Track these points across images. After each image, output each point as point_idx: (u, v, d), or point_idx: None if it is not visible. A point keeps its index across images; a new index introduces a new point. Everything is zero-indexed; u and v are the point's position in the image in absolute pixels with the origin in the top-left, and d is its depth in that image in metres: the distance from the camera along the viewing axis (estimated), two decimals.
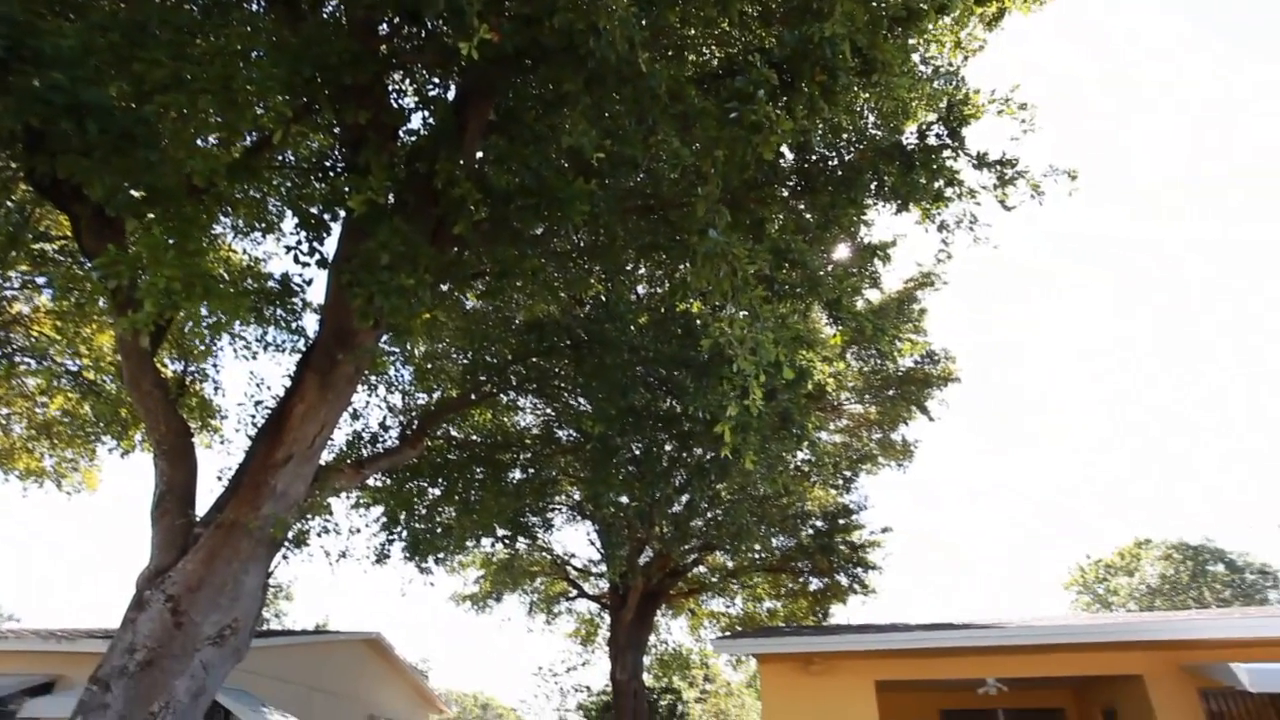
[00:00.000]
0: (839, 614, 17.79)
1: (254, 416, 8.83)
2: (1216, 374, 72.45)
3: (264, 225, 8.42)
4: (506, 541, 14.63)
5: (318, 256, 6.20)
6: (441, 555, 13.57)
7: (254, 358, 8.98)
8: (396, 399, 11.58)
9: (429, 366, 11.66)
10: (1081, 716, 12.25)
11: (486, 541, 14.99)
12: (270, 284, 6.82)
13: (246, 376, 11.21)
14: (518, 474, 12.62)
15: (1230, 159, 74.16)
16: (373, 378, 10.95)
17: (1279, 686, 7.76)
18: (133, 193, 5.01)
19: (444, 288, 8.15)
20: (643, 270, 10.82)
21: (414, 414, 11.39)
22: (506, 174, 6.10)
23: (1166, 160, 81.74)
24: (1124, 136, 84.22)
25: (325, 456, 9.76)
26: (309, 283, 6.40)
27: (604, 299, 10.10)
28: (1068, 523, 71.10)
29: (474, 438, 12.79)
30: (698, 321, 8.31)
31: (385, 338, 8.34)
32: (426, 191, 5.99)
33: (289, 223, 8.34)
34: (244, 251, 9.28)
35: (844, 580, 16.74)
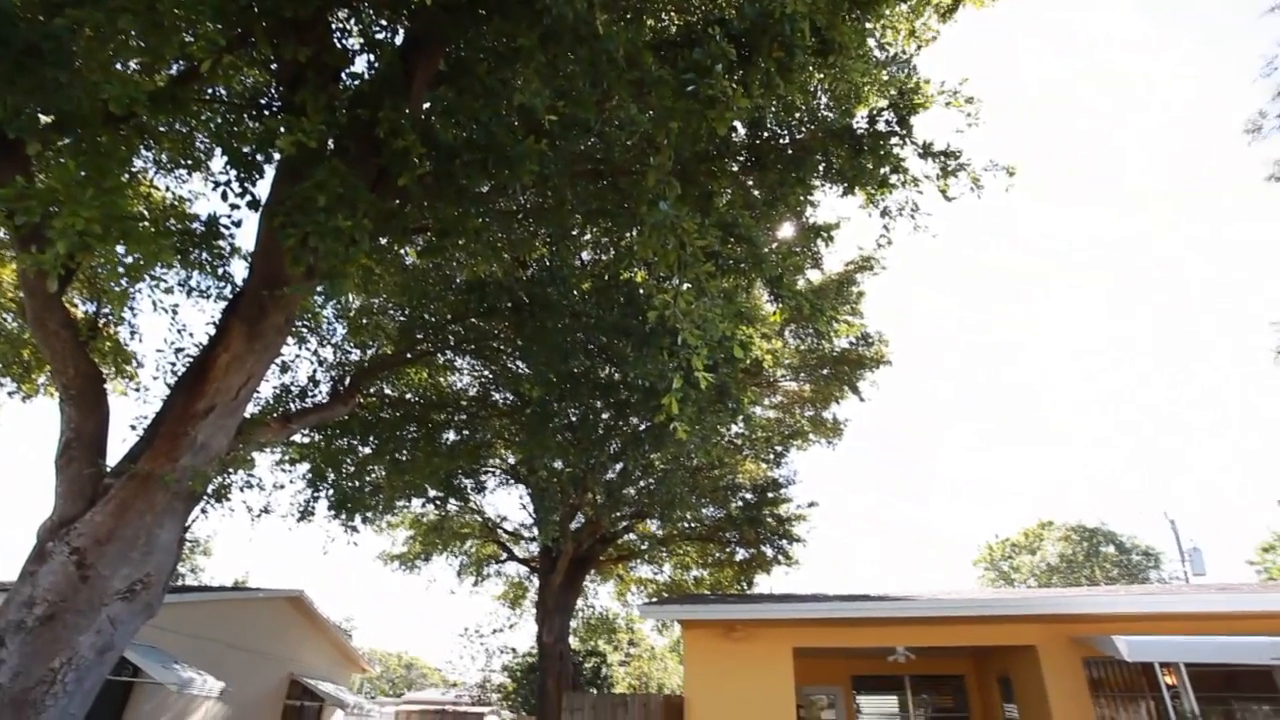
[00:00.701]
0: (762, 583, 18.41)
1: (174, 365, 8.41)
2: (1121, 374, 77.06)
3: (190, 162, 7.90)
4: (438, 503, 14.51)
5: (249, 198, 5.87)
6: (370, 514, 13.34)
7: (174, 313, 8.48)
8: (329, 353, 11.23)
9: (364, 321, 11.31)
10: (980, 683, 13.09)
11: (417, 502, 14.84)
12: (196, 225, 6.40)
13: (167, 322, 10.62)
14: (452, 435, 12.46)
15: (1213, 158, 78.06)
16: (304, 330, 10.57)
17: (1152, 657, 8.45)
18: (40, 116, 4.63)
19: (383, 240, 7.88)
20: (589, 236, 10.70)
21: (346, 370, 11.06)
22: (454, 127, 5.89)
23: (1153, 159, 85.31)
24: (1116, 136, 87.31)
25: (250, 409, 9.41)
26: (238, 225, 6.05)
27: (548, 263, 9.97)
28: (985, 504, 75.02)
29: (409, 396, 12.54)
30: (641, 291, 8.30)
31: (319, 288, 8.04)
32: (368, 140, 5.74)
33: (218, 161, 7.84)
34: (167, 189, 8.71)
35: (769, 551, 17.29)
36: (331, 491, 12.24)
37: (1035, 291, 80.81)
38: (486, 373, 12.34)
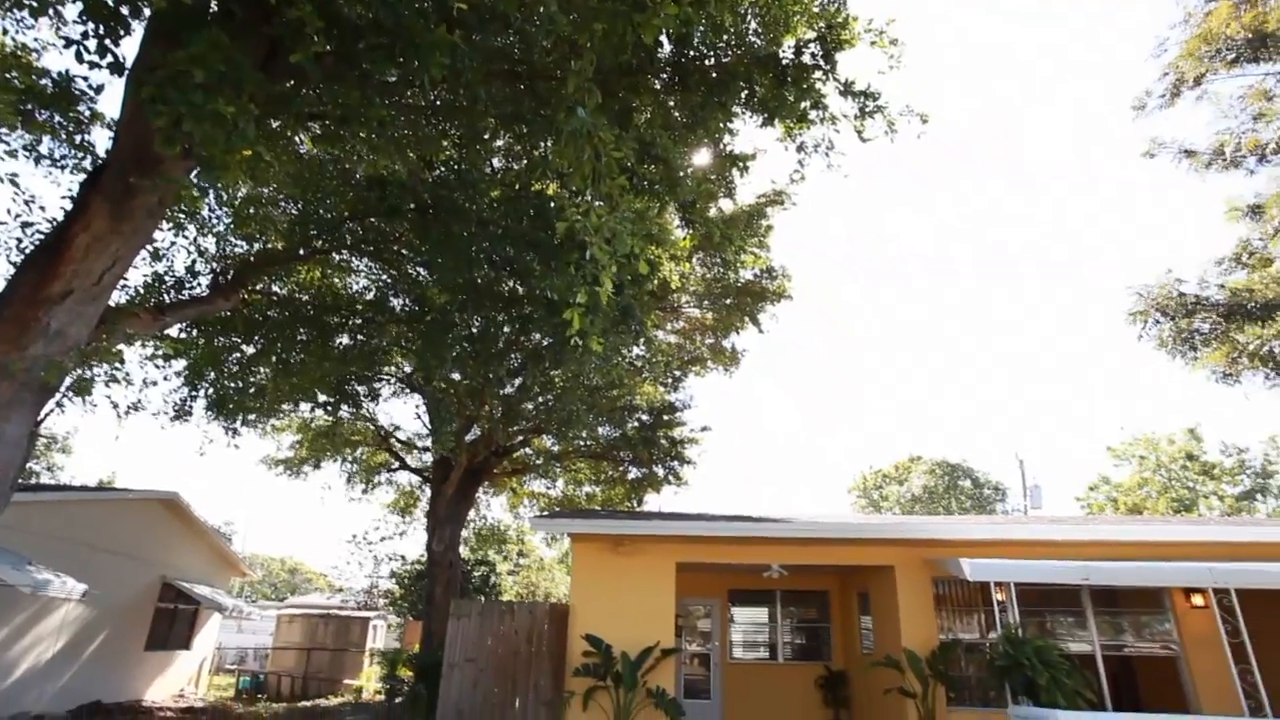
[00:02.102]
0: (651, 502, 19.16)
1: (20, 240, 7.52)
2: (995, 324, 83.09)
3: (36, 3, 6.82)
4: (328, 408, 14.02)
5: (110, 59, 5.17)
6: (252, 417, 12.77)
7: (14, 182, 7.46)
8: (210, 244, 10.38)
9: (251, 212, 10.45)
10: (842, 598, 14.34)
11: (305, 406, 14.30)
12: (44, 82, 5.58)
13: (9, 193, 9.41)
14: (345, 339, 11.95)
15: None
16: (181, 215, 9.68)
17: (989, 577, 9.52)
18: None
19: (273, 124, 7.23)
20: (501, 142, 10.21)
21: (230, 263, 10.29)
22: (358, 3, 5.38)
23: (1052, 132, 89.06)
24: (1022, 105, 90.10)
25: (117, 297, 8.62)
26: (98, 91, 5.32)
27: (457, 165, 9.48)
28: (865, 438, 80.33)
29: (300, 296, 11.85)
30: (552, 204, 8.06)
31: (197, 171, 7.33)
32: (258, 5, 5.15)
33: (73, 8, 6.79)
34: (6, 34, 7.53)
35: (660, 472, 17.94)
36: (210, 391, 11.58)
37: (925, 246, 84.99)
38: (385, 277, 11.79)
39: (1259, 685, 9.11)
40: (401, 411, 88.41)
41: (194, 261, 9.99)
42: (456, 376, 11.68)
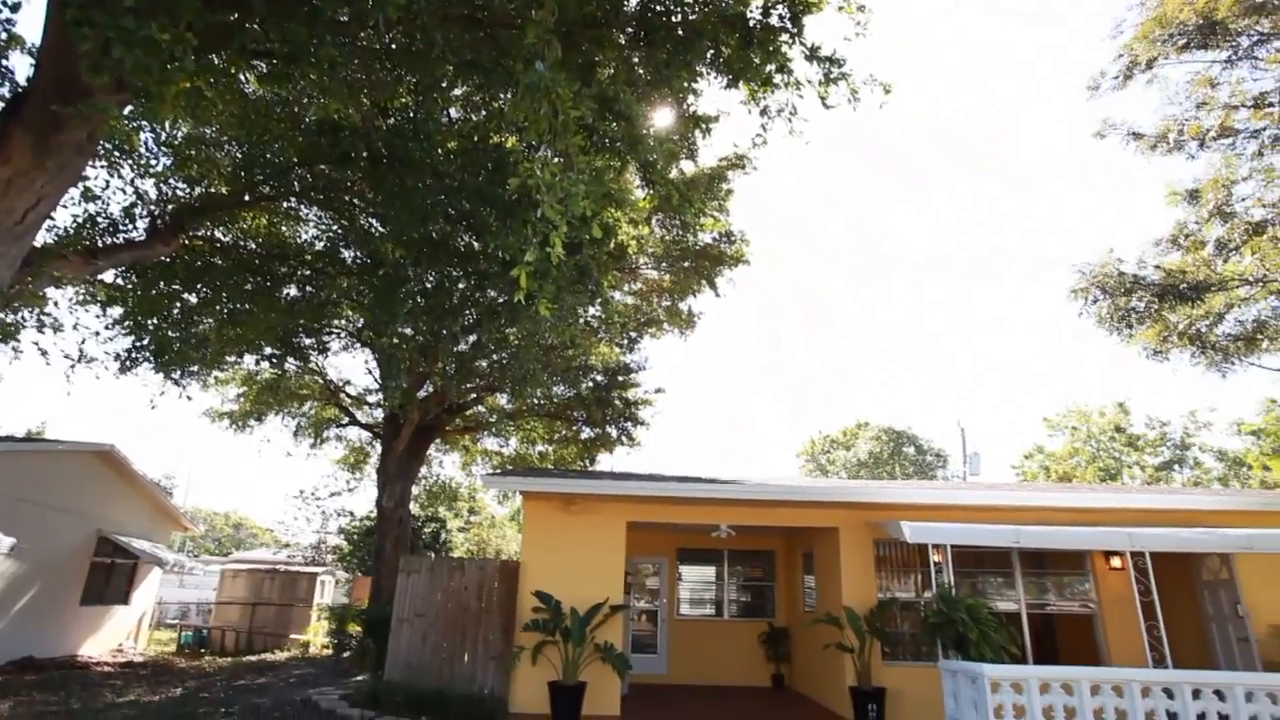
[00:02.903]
0: (604, 461, 19.31)
1: None
2: (946, 295, 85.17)
3: None
4: (274, 360, 13.65)
5: None
6: (195, 368, 12.36)
7: None
8: (148, 186, 9.86)
9: (192, 153, 9.94)
10: (787, 557, 14.77)
11: (250, 358, 13.89)
12: None
13: None
14: (293, 290, 11.58)
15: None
16: (115, 153, 9.16)
17: (928, 539, 9.92)
18: None
19: (215, 59, 6.84)
20: (460, 91, 9.88)
21: (169, 206, 9.81)
22: None
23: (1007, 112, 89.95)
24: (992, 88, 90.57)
25: (43, 238, 8.17)
26: (15, 8, 4.90)
27: (412, 114, 9.16)
28: (815, 402, 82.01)
29: (245, 244, 11.41)
30: (510, 159, 7.87)
31: (132, 106, 6.91)
32: None
33: None
34: None
35: (614, 432, 18.06)
36: (149, 341, 11.14)
37: (880, 212, 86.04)
38: (336, 228, 11.41)
39: (1163, 639, 9.79)
40: (352, 366, 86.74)
41: (130, 203, 9.50)
42: (409, 332, 11.45)
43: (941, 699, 8.12)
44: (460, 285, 10.78)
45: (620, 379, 17.44)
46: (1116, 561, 11.26)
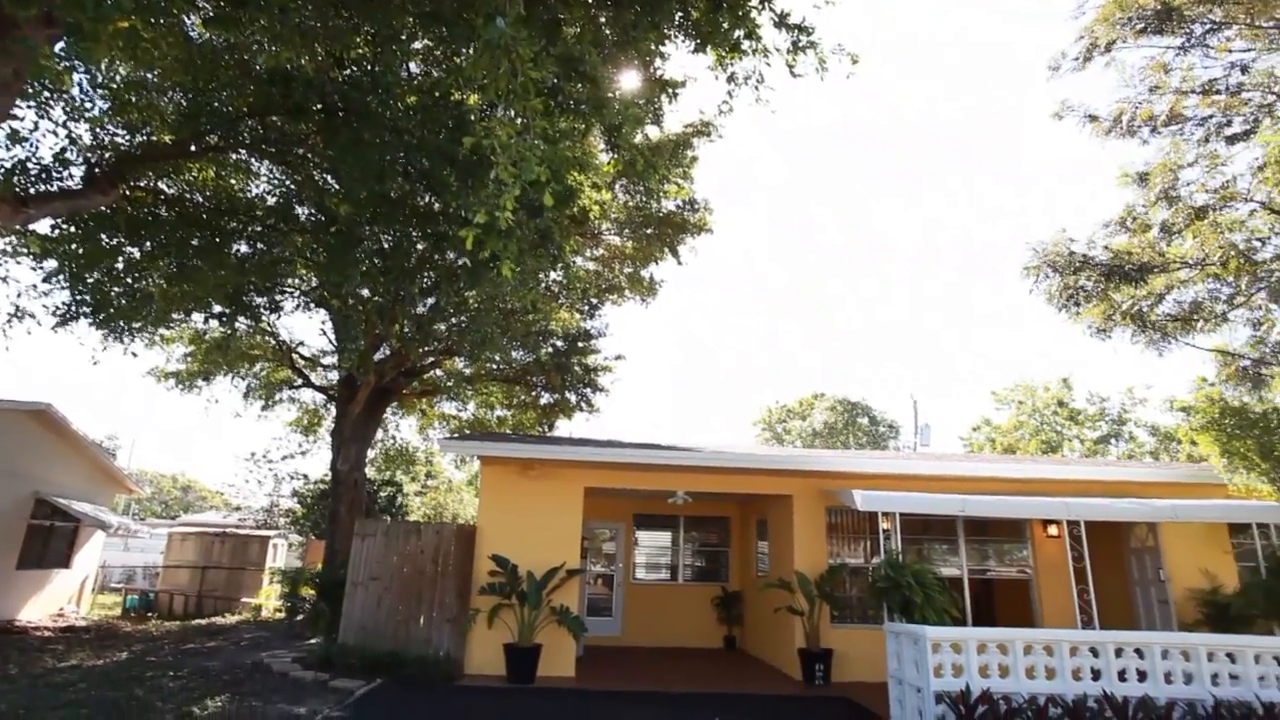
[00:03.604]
0: (562, 427, 19.31)
1: None
2: (904, 269, 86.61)
3: None
4: (224, 319, 13.22)
5: None
6: (139, 325, 11.91)
7: None
8: (83, 131, 9.34)
9: (133, 99, 9.43)
10: (741, 524, 15.07)
11: (199, 316, 13.43)
12: None
13: None
14: (244, 247, 11.18)
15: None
16: (45, 93, 8.64)
17: (878, 507, 10.21)
18: None
19: None
20: (420, 44, 9.54)
21: (107, 154, 9.33)
22: None
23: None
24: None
25: None
26: None
27: (370, 66, 8.82)
28: (772, 373, 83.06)
29: (191, 197, 10.93)
30: (470, 117, 7.66)
31: (64, 43, 6.52)
32: None
33: None
34: None
35: (573, 398, 18.04)
36: (88, 295, 10.67)
37: (836, 190, 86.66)
38: (289, 183, 11.00)
39: (1092, 603, 10.34)
40: (306, 327, 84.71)
41: (64, 149, 8.99)
42: (365, 293, 11.19)
43: (885, 659, 8.45)
44: (419, 246, 10.55)
45: (580, 345, 17.37)
46: (1053, 530, 11.78)
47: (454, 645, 10.38)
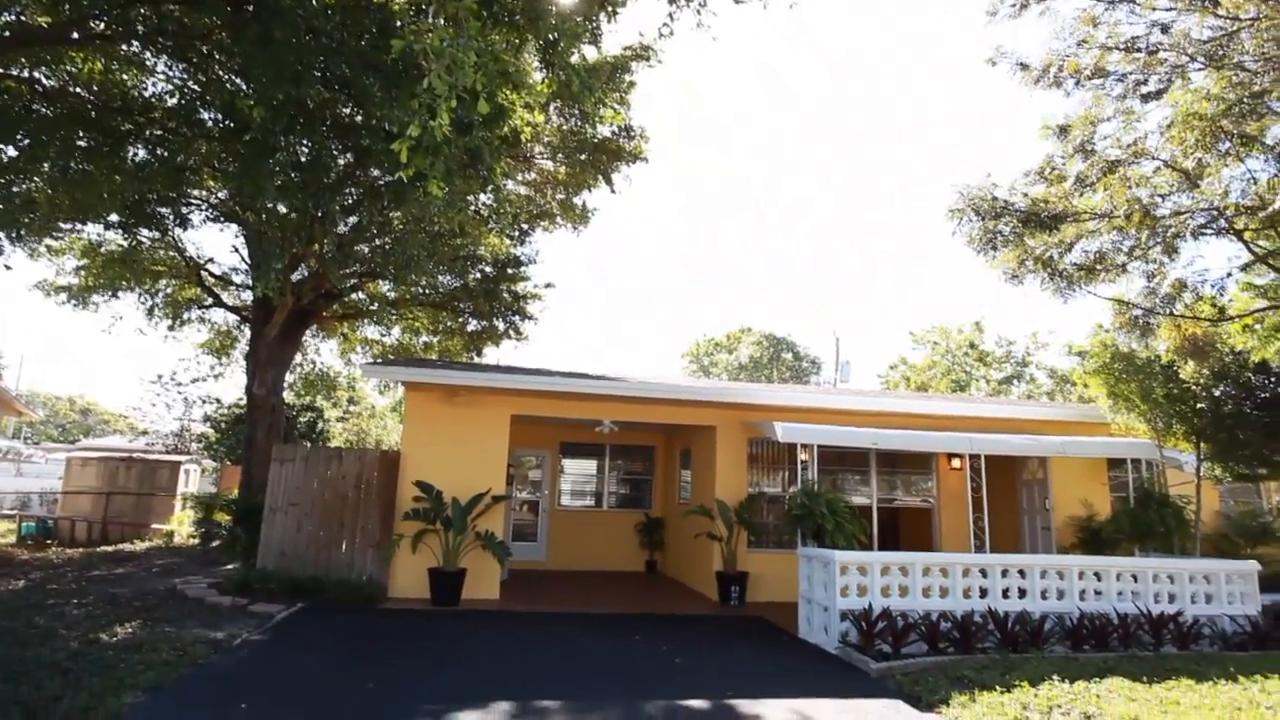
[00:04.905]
0: (490, 355, 19.07)
1: None
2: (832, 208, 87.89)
3: None
4: (124, 229, 12.23)
5: None
6: (21, 233, 10.91)
7: None
8: None
9: None
10: (666, 454, 15.44)
11: (94, 226, 12.39)
12: None
13: None
14: (142, 152, 10.27)
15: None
16: None
17: (797, 439, 10.63)
18: None
19: None
20: None
21: None
22: None
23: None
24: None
25: None
26: None
27: None
28: (704, 305, 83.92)
29: (76, 90, 9.89)
30: (398, 22, 7.14)
31: None
32: None
33: None
34: None
35: (501, 325, 17.78)
36: None
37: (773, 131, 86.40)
38: (191, 83, 10.06)
39: (986, 529, 11.22)
40: (218, 241, 79.70)
41: None
42: (282, 209, 10.51)
43: (797, 581, 8.98)
44: (340, 160, 9.94)
45: (510, 271, 17.01)
46: (956, 463, 12.59)
47: (377, 570, 10.39)
